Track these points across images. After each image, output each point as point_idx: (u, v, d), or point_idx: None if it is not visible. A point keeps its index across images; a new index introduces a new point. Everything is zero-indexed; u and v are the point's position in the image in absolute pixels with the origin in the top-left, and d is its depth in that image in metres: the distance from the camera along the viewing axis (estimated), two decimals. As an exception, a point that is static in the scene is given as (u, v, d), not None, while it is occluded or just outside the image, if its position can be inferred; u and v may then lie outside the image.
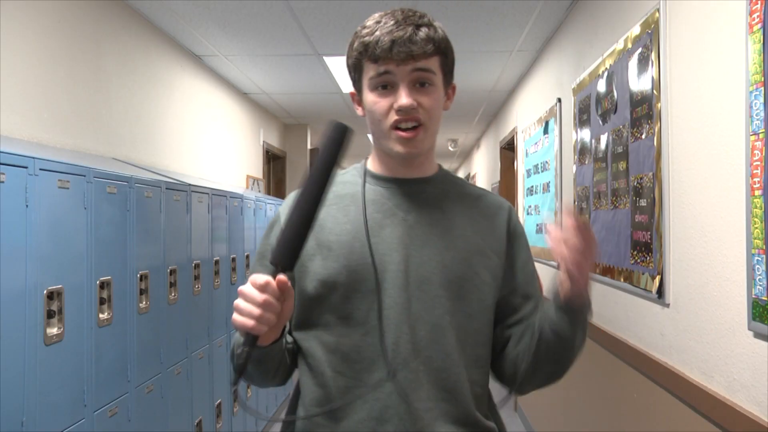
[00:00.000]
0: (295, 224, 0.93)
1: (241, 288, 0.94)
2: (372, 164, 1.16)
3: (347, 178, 1.16)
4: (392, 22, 1.02)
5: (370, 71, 1.04)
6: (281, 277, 0.93)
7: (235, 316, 0.93)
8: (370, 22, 1.05)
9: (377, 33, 1.02)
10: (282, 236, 0.94)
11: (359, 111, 1.12)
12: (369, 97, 1.06)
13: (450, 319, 1.05)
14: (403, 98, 1.02)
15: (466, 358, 1.07)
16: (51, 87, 2.41)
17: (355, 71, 1.08)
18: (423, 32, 1.02)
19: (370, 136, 1.14)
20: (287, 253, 0.93)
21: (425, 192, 1.12)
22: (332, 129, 0.97)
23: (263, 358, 1.02)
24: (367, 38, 1.03)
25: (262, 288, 0.92)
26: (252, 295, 0.92)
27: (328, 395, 1.05)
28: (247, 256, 3.76)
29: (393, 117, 1.03)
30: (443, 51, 1.07)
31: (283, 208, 1.15)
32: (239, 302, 0.93)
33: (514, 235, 1.16)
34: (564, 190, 3.20)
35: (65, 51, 2.50)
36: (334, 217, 1.09)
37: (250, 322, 0.92)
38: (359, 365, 1.03)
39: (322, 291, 1.06)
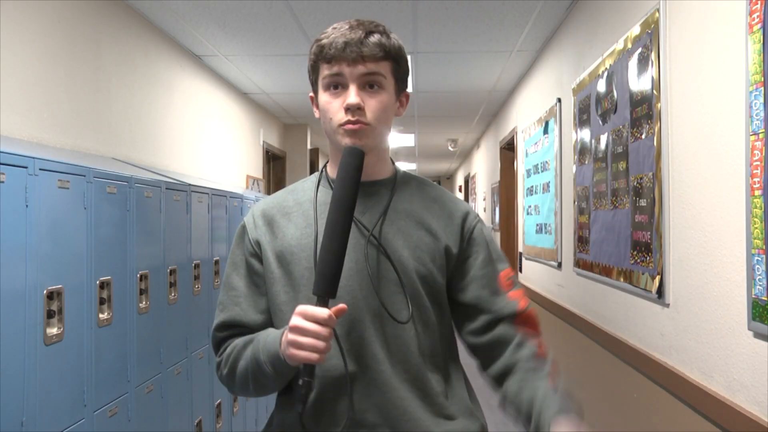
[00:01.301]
0: (334, 254, 1.00)
1: (300, 324, 0.97)
2: (330, 168, 1.21)
3: (307, 185, 1.22)
4: (347, 27, 1.10)
5: (324, 71, 1.10)
6: (341, 306, 1.00)
7: (297, 352, 0.98)
8: (328, 29, 1.11)
9: (332, 36, 1.09)
10: (323, 267, 1.00)
11: (316, 113, 1.17)
12: (323, 97, 1.12)
13: (406, 314, 1.10)
14: (352, 97, 1.07)
15: (423, 348, 1.12)
16: (51, 87, 2.41)
17: (313, 73, 1.14)
18: (375, 38, 1.09)
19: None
20: (331, 282, 0.99)
21: (378, 193, 1.17)
22: (347, 154, 1.05)
23: (288, 373, 1.07)
24: (323, 41, 1.10)
25: (326, 322, 0.97)
26: (316, 331, 0.97)
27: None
28: (247, 256, 3.75)
29: (342, 115, 1.08)
30: (394, 58, 1.11)
31: (248, 218, 1.20)
32: (300, 338, 0.97)
33: (470, 236, 1.18)
34: (564, 190, 3.20)
35: (65, 51, 2.50)
36: (295, 224, 1.16)
37: (314, 356, 0.97)
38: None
39: (292, 293, 1.12)
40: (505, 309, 1.14)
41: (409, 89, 5.00)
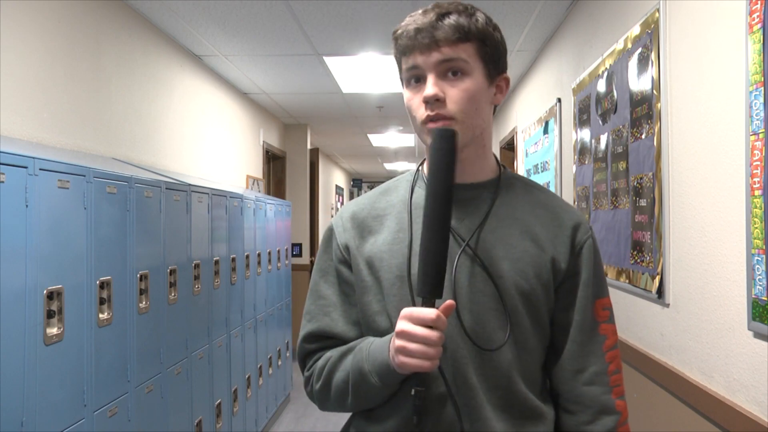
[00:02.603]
0: (436, 251, 0.90)
1: (408, 328, 0.89)
2: (425, 167, 1.09)
3: (401, 185, 1.11)
4: (420, 12, 0.99)
5: (403, 66, 1.01)
6: (449, 302, 0.90)
7: (406, 359, 0.89)
8: (406, 19, 1.01)
9: (404, 25, 0.99)
10: (426, 267, 0.90)
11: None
12: (405, 94, 1.02)
13: (503, 334, 0.98)
14: (428, 88, 0.96)
15: (522, 374, 1.01)
16: (51, 87, 2.41)
17: (399, 70, 1.04)
18: (450, 19, 0.96)
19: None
20: (435, 283, 0.90)
21: (478, 198, 1.04)
22: (437, 138, 0.93)
23: (395, 384, 0.98)
24: (397, 32, 1.00)
25: (434, 323, 0.88)
26: (425, 335, 0.88)
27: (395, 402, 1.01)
28: (247, 256, 3.76)
29: (423, 111, 0.98)
30: (478, 38, 0.98)
31: (336, 221, 1.11)
32: (408, 344, 0.89)
33: (579, 251, 1.04)
34: (564, 190, 3.20)
35: (65, 51, 2.50)
36: (388, 227, 1.05)
37: (426, 364, 0.89)
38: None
39: (384, 302, 1.02)
40: (592, 367, 1.02)
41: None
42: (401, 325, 0.90)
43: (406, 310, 0.91)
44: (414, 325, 0.89)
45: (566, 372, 1.03)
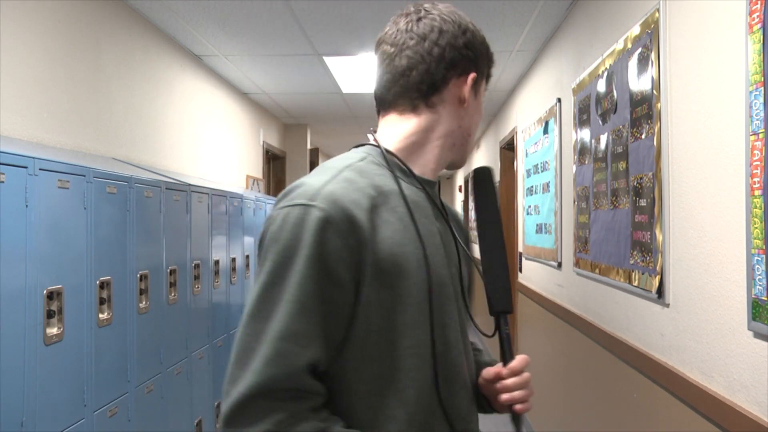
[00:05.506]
0: (503, 269, 0.98)
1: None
2: (416, 166, 0.96)
3: (373, 170, 0.89)
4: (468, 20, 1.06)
5: (485, 81, 1.07)
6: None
7: (520, 404, 0.94)
8: (470, 20, 1.05)
9: (483, 35, 1.07)
10: (504, 283, 0.97)
11: (464, 101, 0.97)
12: (474, 104, 1.03)
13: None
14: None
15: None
16: (51, 87, 2.41)
17: (486, 66, 1.07)
18: None
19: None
20: (508, 299, 0.97)
21: (436, 195, 1.00)
22: (489, 180, 1.01)
23: None
24: (487, 45, 1.08)
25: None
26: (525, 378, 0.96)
27: None
28: (247, 257, 3.76)
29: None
30: None
31: (330, 209, 0.79)
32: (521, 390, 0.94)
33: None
34: (564, 190, 3.20)
35: (65, 51, 2.50)
36: (386, 222, 0.84)
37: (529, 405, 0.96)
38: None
39: (416, 316, 0.85)
40: None
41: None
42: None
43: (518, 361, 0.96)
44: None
45: None
